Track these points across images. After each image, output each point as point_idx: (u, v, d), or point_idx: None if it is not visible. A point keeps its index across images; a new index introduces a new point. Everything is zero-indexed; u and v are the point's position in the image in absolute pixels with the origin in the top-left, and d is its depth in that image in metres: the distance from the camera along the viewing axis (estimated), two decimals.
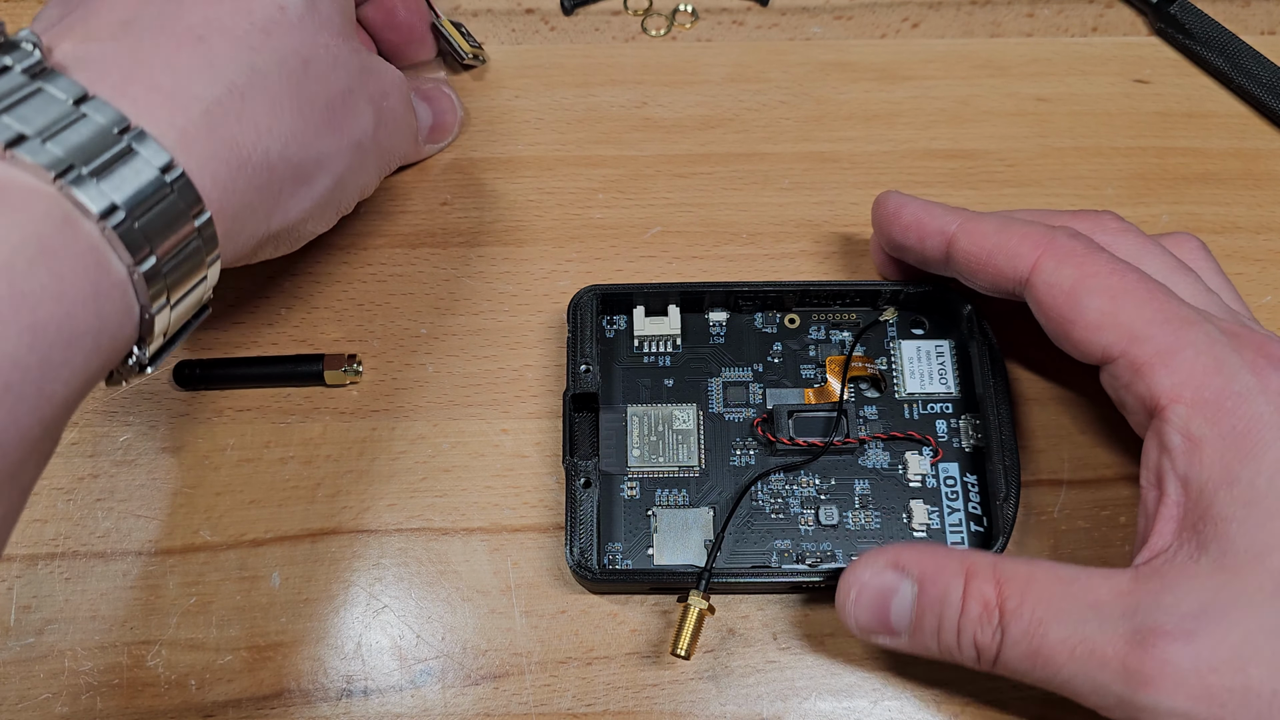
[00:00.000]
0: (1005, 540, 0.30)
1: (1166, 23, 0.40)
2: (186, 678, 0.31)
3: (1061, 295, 0.27)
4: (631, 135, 0.39)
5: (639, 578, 0.31)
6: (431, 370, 0.35)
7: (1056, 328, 0.28)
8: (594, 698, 0.31)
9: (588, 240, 0.37)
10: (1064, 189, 0.38)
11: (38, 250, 0.21)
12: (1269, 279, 0.36)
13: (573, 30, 0.41)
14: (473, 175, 0.38)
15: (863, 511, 0.32)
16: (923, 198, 0.32)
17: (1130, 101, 0.40)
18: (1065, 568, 0.25)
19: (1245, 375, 0.25)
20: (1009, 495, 0.31)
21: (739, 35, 0.41)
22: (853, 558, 0.31)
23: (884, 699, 0.31)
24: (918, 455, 0.33)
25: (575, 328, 0.33)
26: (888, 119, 0.39)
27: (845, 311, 0.35)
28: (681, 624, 0.29)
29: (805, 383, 0.34)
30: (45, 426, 0.22)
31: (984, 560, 0.26)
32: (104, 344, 0.23)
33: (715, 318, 0.35)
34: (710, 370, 0.34)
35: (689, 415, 0.33)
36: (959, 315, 0.34)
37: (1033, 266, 0.28)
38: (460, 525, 0.33)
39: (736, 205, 0.38)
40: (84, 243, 0.22)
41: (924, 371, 0.34)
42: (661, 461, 0.32)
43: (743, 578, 0.30)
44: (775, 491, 0.32)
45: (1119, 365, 0.27)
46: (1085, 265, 0.27)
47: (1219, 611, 0.23)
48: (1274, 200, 0.38)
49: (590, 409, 0.32)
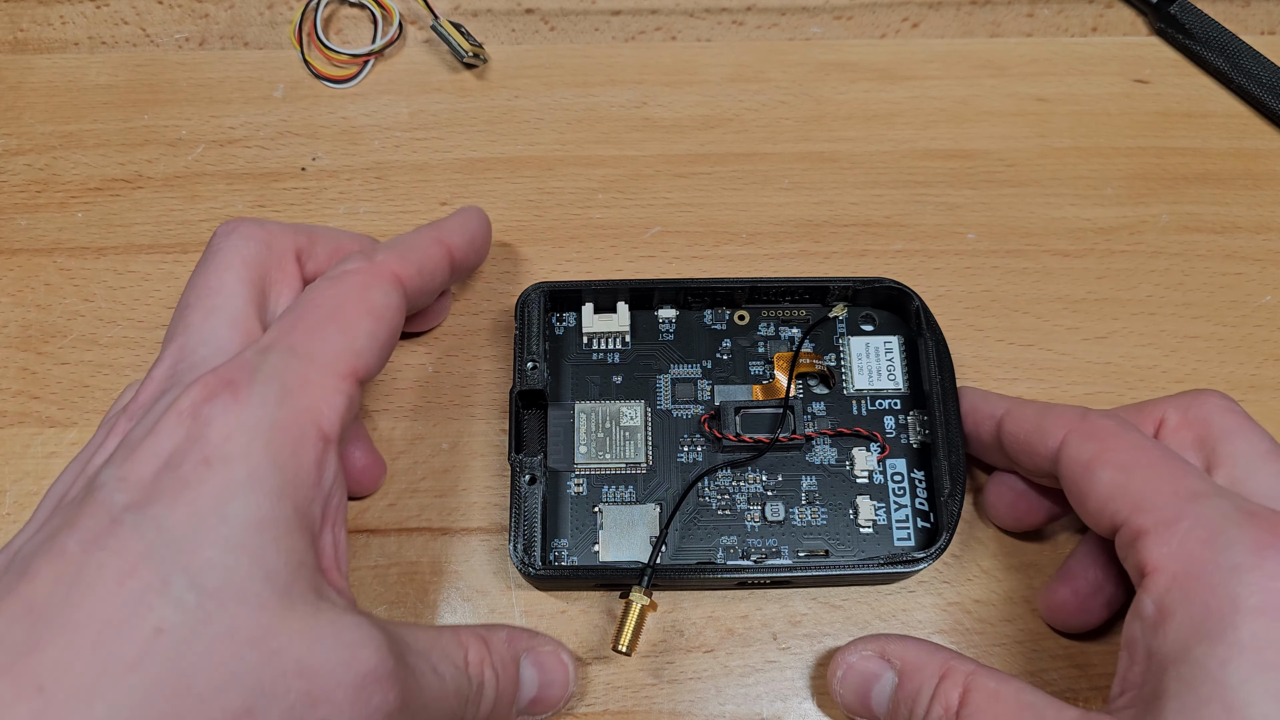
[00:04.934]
0: (950, 536, 0.30)
1: (1166, 23, 0.40)
2: None
3: (1080, 468, 0.27)
4: (631, 135, 0.39)
5: (584, 574, 0.31)
6: (431, 370, 0.35)
7: (1075, 500, 0.28)
8: (594, 698, 0.31)
9: (588, 240, 0.37)
10: (1064, 189, 0.38)
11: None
12: (1269, 279, 0.36)
13: (573, 30, 0.41)
14: (472, 175, 0.38)
15: (809, 507, 0.32)
16: (977, 388, 0.32)
17: (1130, 101, 0.40)
18: (1032, 693, 0.26)
19: (1240, 553, 0.24)
20: (955, 491, 0.31)
21: (739, 35, 0.41)
22: (800, 554, 0.31)
23: None
24: (865, 451, 0.33)
25: (523, 324, 0.33)
26: (887, 119, 0.39)
27: (795, 308, 0.35)
28: (624, 620, 0.29)
29: (754, 379, 0.34)
30: None
31: (961, 667, 0.27)
32: None
33: (664, 315, 0.35)
34: (659, 367, 0.34)
35: (637, 412, 0.33)
36: (908, 311, 0.34)
37: (1060, 444, 0.28)
38: (460, 525, 0.33)
39: (736, 205, 0.38)
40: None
41: (872, 368, 0.34)
42: (608, 458, 0.32)
43: (687, 573, 0.30)
44: (722, 488, 0.32)
45: (1122, 534, 0.26)
46: (1107, 441, 0.27)
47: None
48: (1274, 200, 0.38)
49: (538, 406, 0.32)
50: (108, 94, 0.39)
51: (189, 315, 0.27)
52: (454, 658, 0.27)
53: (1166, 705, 0.23)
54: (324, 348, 0.26)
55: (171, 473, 0.23)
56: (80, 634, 0.22)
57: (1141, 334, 0.36)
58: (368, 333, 0.27)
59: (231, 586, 0.23)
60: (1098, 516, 0.27)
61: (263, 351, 0.25)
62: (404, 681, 0.25)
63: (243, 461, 0.23)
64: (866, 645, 0.29)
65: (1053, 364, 0.35)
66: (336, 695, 0.23)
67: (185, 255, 0.37)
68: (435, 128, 0.39)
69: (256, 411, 0.24)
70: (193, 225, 0.37)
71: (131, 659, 0.22)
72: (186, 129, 0.39)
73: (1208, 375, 0.35)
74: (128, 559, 0.22)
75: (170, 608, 0.22)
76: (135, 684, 0.22)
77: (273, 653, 0.23)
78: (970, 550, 0.32)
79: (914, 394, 0.33)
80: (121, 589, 0.22)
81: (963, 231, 0.37)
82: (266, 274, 0.29)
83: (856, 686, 0.29)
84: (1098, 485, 0.27)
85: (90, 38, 0.40)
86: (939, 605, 0.32)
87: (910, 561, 0.30)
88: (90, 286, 0.36)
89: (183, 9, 0.41)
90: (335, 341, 0.26)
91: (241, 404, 0.24)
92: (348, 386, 0.26)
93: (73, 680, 0.21)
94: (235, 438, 0.23)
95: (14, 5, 0.41)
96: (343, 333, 0.26)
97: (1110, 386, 0.35)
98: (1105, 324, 0.36)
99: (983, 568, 0.32)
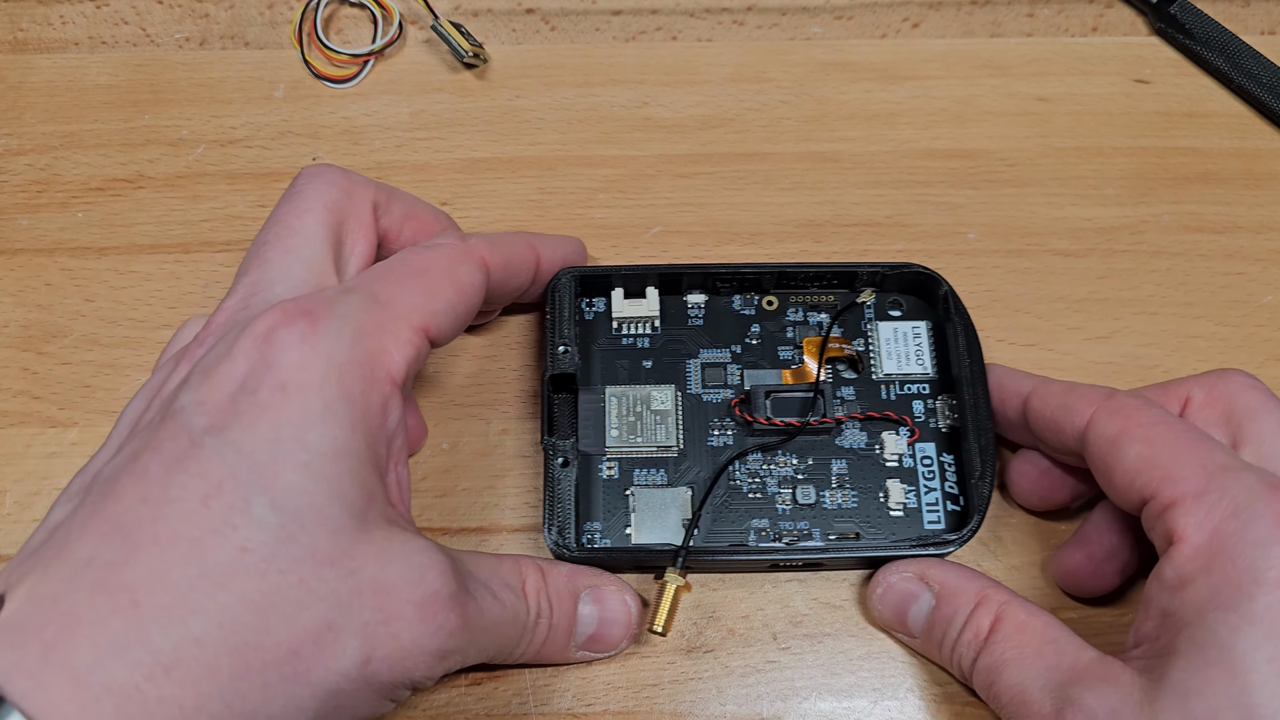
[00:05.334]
0: (980, 518, 0.30)
1: (1166, 23, 0.40)
2: None
3: (1106, 444, 0.28)
4: (632, 135, 0.39)
5: (617, 556, 0.31)
6: (431, 370, 0.35)
7: (1101, 477, 0.28)
8: (594, 697, 0.31)
9: (589, 240, 0.37)
10: (1064, 189, 0.38)
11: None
12: (1269, 279, 0.36)
13: (573, 30, 0.41)
14: (473, 175, 0.38)
15: (840, 491, 0.32)
16: (1005, 365, 0.33)
17: (1130, 101, 0.40)
18: (1059, 629, 0.28)
19: (1264, 526, 0.24)
20: (984, 474, 0.31)
21: (739, 35, 0.41)
22: (831, 537, 0.31)
23: (884, 699, 0.31)
24: (894, 435, 0.33)
25: (554, 309, 0.33)
26: (888, 119, 0.39)
27: (823, 294, 0.35)
28: (659, 601, 0.29)
29: (783, 364, 0.34)
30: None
31: (996, 595, 0.29)
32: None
33: (693, 300, 0.35)
34: (688, 352, 0.34)
35: (667, 396, 0.33)
36: (935, 297, 0.34)
37: (1088, 421, 0.28)
38: (460, 525, 0.33)
39: (737, 205, 0.38)
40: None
41: (901, 352, 0.34)
42: (640, 442, 0.33)
43: (720, 555, 0.31)
44: (753, 471, 0.32)
45: (1150, 507, 0.27)
46: (1133, 417, 0.28)
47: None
48: (1274, 200, 0.38)
49: (569, 390, 0.33)
50: (108, 94, 0.39)
51: (266, 251, 0.28)
52: (513, 584, 0.28)
53: (1174, 663, 0.24)
54: (404, 300, 0.27)
55: (248, 397, 0.24)
56: (170, 551, 0.23)
57: (1143, 334, 0.36)
58: (448, 300, 0.28)
59: (311, 509, 0.24)
60: (1125, 491, 0.27)
61: (345, 292, 0.26)
62: (465, 604, 0.26)
63: (318, 392, 0.24)
64: (907, 567, 0.30)
65: (1055, 364, 0.35)
66: (407, 612, 0.25)
67: (187, 255, 0.37)
68: (436, 128, 0.39)
69: (331, 345, 0.25)
70: (194, 225, 0.37)
71: (220, 576, 0.23)
72: (187, 129, 0.39)
73: None
74: (210, 480, 0.23)
75: (254, 528, 0.23)
76: (225, 600, 0.23)
77: (350, 572, 0.24)
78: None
79: (942, 378, 0.34)
80: (206, 509, 0.23)
81: (964, 231, 0.37)
82: (344, 221, 0.29)
83: (895, 605, 0.30)
84: (1125, 460, 0.27)
85: (90, 38, 0.40)
86: None
87: (942, 543, 0.30)
88: (92, 286, 0.36)
89: (183, 9, 0.41)
90: (415, 297, 0.27)
91: (319, 335, 0.25)
92: (419, 340, 0.27)
93: (165, 595, 0.22)
94: (310, 368, 0.24)
95: (14, 5, 0.41)
96: (425, 292, 0.27)
97: (1112, 386, 0.35)
98: (1107, 324, 0.36)
99: (982, 568, 0.32)
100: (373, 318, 0.26)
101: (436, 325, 0.27)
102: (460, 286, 0.28)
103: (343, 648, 0.24)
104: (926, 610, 0.30)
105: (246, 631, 0.23)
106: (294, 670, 0.23)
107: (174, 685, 0.22)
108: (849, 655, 0.31)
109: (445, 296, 0.28)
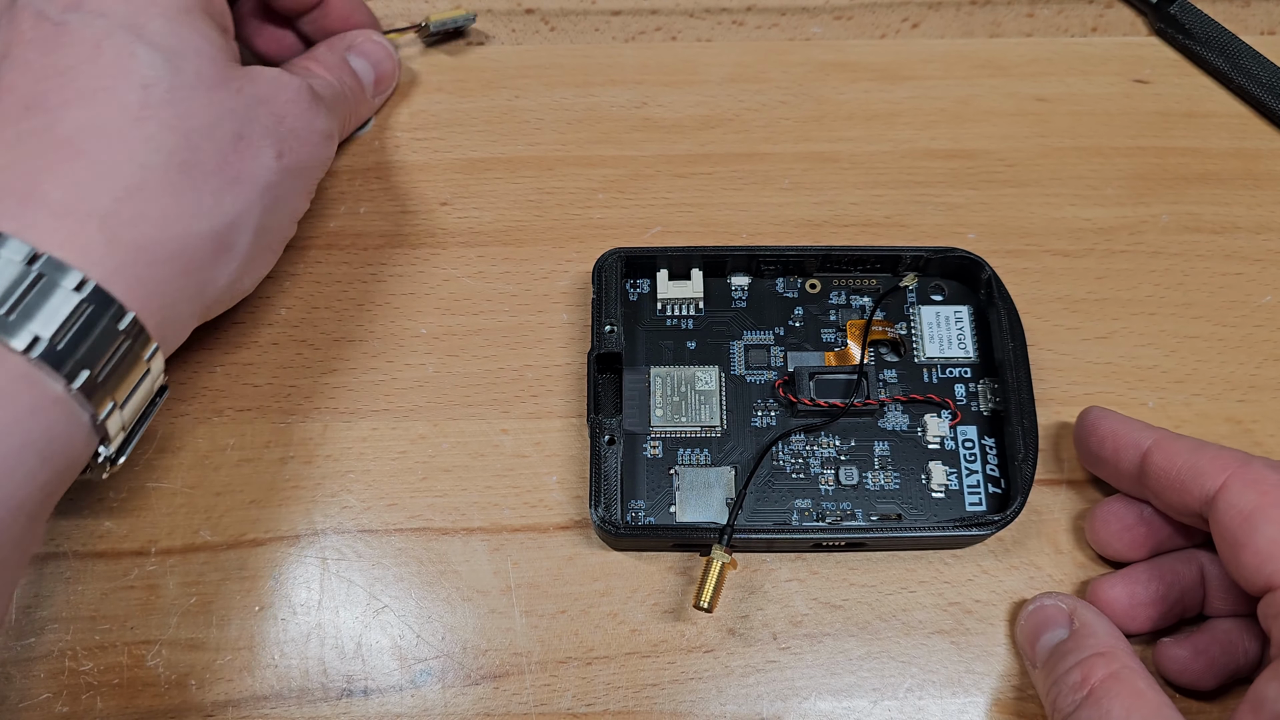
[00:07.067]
0: (1023, 500, 0.31)
1: (1166, 23, 0.40)
2: (186, 678, 0.31)
3: (1239, 518, 0.26)
4: (631, 135, 0.39)
5: (662, 534, 0.31)
6: (431, 370, 0.35)
7: (1228, 550, 0.27)
8: (594, 697, 0.31)
9: (588, 240, 0.37)
10: (1064, 189, 0.38)
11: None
12: (1269, 279, 0.36)
13: (573, 30, 0.41)
14: (473, 175, 0.38)
15: (882, 472, 0.33)
16: (1113, 410, 0.31)
17: (1130, 101, 0.40)
18: (1171, 710, 0.26)
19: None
20: (1027, 456, 0.31)
21: (739, 35, 0.41)
22: (873, 518, 0.32)
23: (884, 699, 0.31)
24: (937, 418, 0.33)
25: (600, 289, 0.33)
26: (888, 119, 0.39)
27: (866, 277, 0.35)
28: (704, 578, 0.30)
29: (826, 346, 0.34)
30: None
31: (1122, 655, 0.27)
32: (55, 452, 0.25)
33: (737, 282, 0.35)
34: (732, 333, 0.34)
35: (711, 377, 0.34)
36: (978, 281, 0.34)
37: (1219, 488, 0.27)
38: (460, 525, 0.33)
39: (737, 205, 0.38)
40: (13, 371, 0.24)
41: (943, 336, 0.34)
42: (684, 421, 0.33)
43: (765, 534, 0.31)
44: (796, 452, 0.33)
45: (1275, 596, 0.25)
46: (1272, 493, 0.26)
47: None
48: (1274, 200, 0.38)
49: (614, 370, 0.33)
50: None
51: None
52: (317, 74, 0.34)
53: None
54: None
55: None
56: (85, 107, 0.26)
57: (1142, 334, 0.36)
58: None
59: (187, 46, 0.28)
60: (1251, 572, 0.26)
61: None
62: (316, 93, 0.32)
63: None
64: (1063, 599, 0.30)
65: (1053, 364, 0.35)
66: (291, 110, 0.31)
67: None
68: (435, 127, 0.39)
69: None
70: None
71: (137, 109, 0.26)
72: None
73: (1208, 375, 0.35)
74: (89, 44, 0.27)
75: (144, 67, 0.27)
76: (151, 130, 0.27)
77: (238, 90, 0.29)
78: (973, 551, 0.32)
79: (984, 362, 0.34)
80: (97, 65, 0.26)
81: (963, 231, 0.37)
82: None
83: (1034, 626, 0.30)
84: (1259, 539, 0.26)
85: None
86: (939, 605, 0.32)
87: (985, 524, 0.30)
88: None
89: None
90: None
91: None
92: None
93: (101, 138, 0.26)
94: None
95: None
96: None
97: (1110, 386, 0.35)
98: (1105, 324, 0.36)
99: (982, 567, 0.32)
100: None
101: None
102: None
103: (259, 149, 0.29)
104: (1056, 642, 0.29)
105: (180, 151, 0.27)
106: (231, 175, 0.28)
107: (144, 201, 0.26)
108: (849, 655, 0.31)
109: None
